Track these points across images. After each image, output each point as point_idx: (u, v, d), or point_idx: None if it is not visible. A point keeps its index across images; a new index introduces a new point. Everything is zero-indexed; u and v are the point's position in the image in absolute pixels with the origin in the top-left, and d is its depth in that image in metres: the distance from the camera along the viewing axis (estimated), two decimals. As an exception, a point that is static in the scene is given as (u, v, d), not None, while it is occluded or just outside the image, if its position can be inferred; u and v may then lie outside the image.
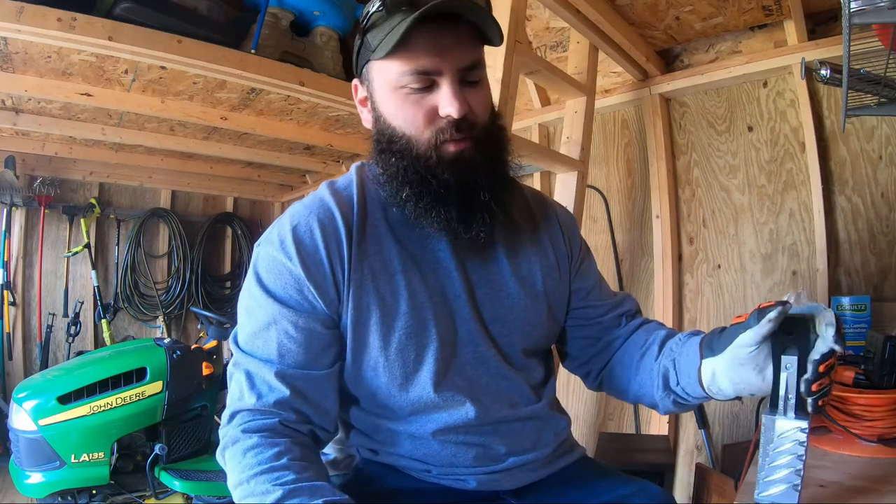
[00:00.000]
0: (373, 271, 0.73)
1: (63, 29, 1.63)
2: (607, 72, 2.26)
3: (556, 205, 0.95)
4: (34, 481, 1.89)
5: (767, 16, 1.84)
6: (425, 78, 0.69)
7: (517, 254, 0.83)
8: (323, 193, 0.77)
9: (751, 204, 1.97)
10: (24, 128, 2.72)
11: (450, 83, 0.69)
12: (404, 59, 0.68)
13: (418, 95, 0.70)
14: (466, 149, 0.71)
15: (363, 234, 0.74)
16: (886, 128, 1.68)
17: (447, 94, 0.69)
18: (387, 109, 0.73)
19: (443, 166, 0.70)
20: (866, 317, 1.52)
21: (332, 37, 2.45)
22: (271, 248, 0.72)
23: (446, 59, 0.68)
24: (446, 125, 0.70)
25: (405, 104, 0.70)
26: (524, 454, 0.80)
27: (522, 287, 0.81)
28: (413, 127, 0.71)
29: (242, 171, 3.80)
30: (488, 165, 0.73)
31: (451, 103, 0.68)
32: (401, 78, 0.69)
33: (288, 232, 0.72)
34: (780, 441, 0.63)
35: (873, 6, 0.92)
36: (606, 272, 2.32)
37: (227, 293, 4.02)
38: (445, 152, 0.70)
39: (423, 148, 0.70)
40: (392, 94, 0.71)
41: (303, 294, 0.71)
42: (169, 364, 2.12)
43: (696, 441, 2.03)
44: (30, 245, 3.30)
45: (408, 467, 0.79)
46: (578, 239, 0.93)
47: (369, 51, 0.71)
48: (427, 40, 0.67)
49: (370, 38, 0.71)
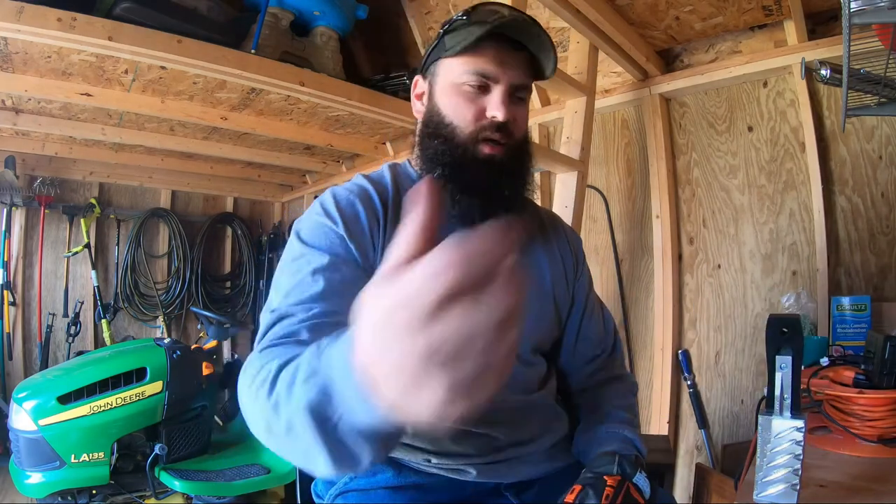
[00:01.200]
0: None
1: (63, 29, 1.63)
2: (607, 72, 2.26)
3: (566, 224, 1.05)
4: (34, 481, 1.89)
5: (767, 16, 1.84)
6: (482, 80, 0.79)
7: (528, 255, 0.90)
8: (359, 180, 0.84)
9: (751, 204, 1.97)
10: (24, 128, 2.72)
11: (501, 91, 0.79)
12: (471, 60, 0.78)
13: (473, 94, 0.79)
14: (499, 154, 0.80)
15: (396, 217, 0.79)
16: (886, 128, 1.68)
17: (497, 100, 0.79)
18: (442, 101, 0.82)
19: (476, 161, 0.79)
20: (866, 317, 1.52)
21: (332, 37, 2.45)
22: (315, 216, 0.77)
23: (504, 70, 0.79)
24: (489, 125, 0.79)
25: (460, 99, 0.80)
26: (524, 445, 0.82)
27: (532, 286, 0.87)
28: (461, 119, 0.80)
29: (242, 171, 3.81)
30: (514, 173, 0.83)
31: (499, 108, 0.78)
32: (462, 75, 0.79)
33: (331, 203, 0.78)
34: (777, 441, 0.63)
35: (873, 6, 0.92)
36: (606, 272, 2.32)
37: (227, 293, 4.03)
38: (481, 151, 0.79)
39: (464, 139, 0.79)
40: (451, 88, 0.81)
41: (347, 249, 0.74)
42: (169, 364, 2.12)
43: (696, 441, 2.03)
44: (30, 245, 3.30)
45: (408, 458, 0.80)
46: (583, 256, 1.01)
47: (443, 49, 0.81)
48: (493, 51, 0.78)
49: (447, 39, 0.80)
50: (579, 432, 0.89)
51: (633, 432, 0.84)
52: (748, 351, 1.94)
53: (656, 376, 2.09)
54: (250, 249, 4.08)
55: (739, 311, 1.98)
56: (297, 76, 2.16)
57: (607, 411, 0.88)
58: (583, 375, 0.96)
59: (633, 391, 0.96)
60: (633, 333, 2.24)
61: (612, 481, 0.71)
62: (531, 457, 0.83)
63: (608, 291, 2.29)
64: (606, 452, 0.78)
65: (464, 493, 0.80)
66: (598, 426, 0.86)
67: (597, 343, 0.97)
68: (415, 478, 0.80)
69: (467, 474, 0.79)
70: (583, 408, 0.93)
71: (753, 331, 1.94)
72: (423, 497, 0.79)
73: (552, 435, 0.86)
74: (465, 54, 0.78)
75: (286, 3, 2.29)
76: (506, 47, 0.79)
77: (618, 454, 0.76)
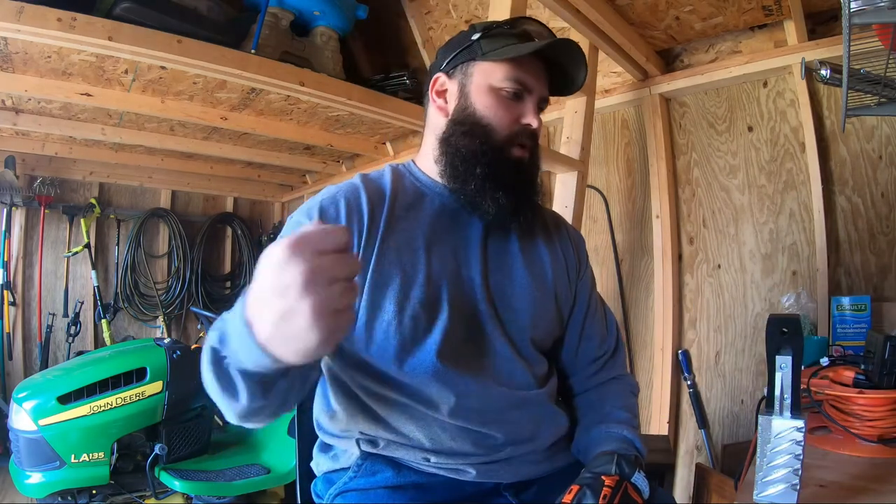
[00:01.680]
0: (398, 244, 0.82)
1: (63, 29, 1.62)
2: (607, 72, 2.26)
3: (569, 224, 1.07)
4: (34, 481, 1.89)
5: (767, 16, 1.84)
6: (519, 88, 0.85)
7: (532, 253, 0.92)
8: (355, 180, 0.87)
9: (751, 204, 1.97)
10: (24, 128, 2.72)
11: (534, 101, 0.88)
12: (513, 68, 0.85)
13: (509, 100, 0.86)
14: (527, 156, 0.88)
15: (392, 214, 0.83)
16: (886, 128, 1.68)
17: (531, 109, 0.87)
18: (480, 101, 0.86)
19: (511, 162, 0.86)
20: (866, 317, 1.52)
21: (332, 37, 2.45)
22: (298, 216, 0.83)
23: (539, 83, 0.88)
24: (523, 130, 0.87)
25: (499, 102, 0.86)
26: (522, 444, 0.82)
27: (533, 280, 0.89)
28: (499, 121, 0.85)
29: (242, 171, 3.80)
30: (535, 174, 0.91)
31: (534, 117, 0.87)
32: (503, 81, 0.85)
33: (315, 206, 0.82)
34: (777, 441, 0.63)
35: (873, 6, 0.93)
36: (606, 272, 2.32)
37: (227, 293, 4.02)
38: (514, 153, 0.86)
39: (501, 139, 0.85)
40: (489, 91, 0.86)
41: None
42: (169, 364, 2.12)
43: (696, 441, 2.03)
44: (30, 245, 3.30)
45: (407, 458, 0.80)
46: (586, 256, 1.03)
47: (479, 52, 0.86)
48: (533, 64, 0.86)
49: (485, 43, 0.86)
50: (579, 432, 0.89)
51: (633, 432, 0.84)
52: (748, 351, 1.94)
53: (656, 376, 2.09)
54: (250, 249, 4.07)
55: (739, 311, 1.98)
56: (297, 76, 2.16)
57: (607, 411, 0.88)
58: (585, 376, 0.96)
59: (634, 392, 0.96)
60: (633, 333, 2.24)
61: (609, 481, 0.71)
62: (530, 456, 0.83)
63: (608, 291, 2.29)
64: (605, 452, 0.78)
65: (463, 492, 0.80)
66: (597, 426, 0.86)
67: (599, 343, 0.97)
68: (414, 477, 0.80)
69: (467, 474, 0.79)
70: (583, 408, 0.93)
71: (753, 331, 1.94)
72: (423, 497, 0.79)
73: (551, 434, 0.86)
74: (509, 62, 0.84)
75: (286, 3, 2.29)
76: (542, 63, 0.88)
77: (616, 454, 0.76)
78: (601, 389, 0.94)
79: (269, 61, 2.08)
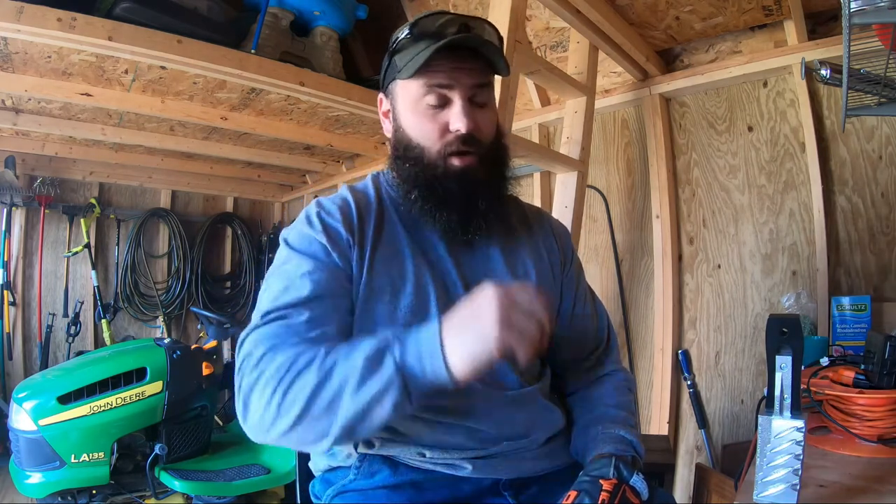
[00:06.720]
0: (385, 256, 0.82)
1: (63, 29, 1.63)
2: (607, 72, 2.26)
3: (552, 218, 1.05)
4: (34, 481, 1.89)
5: (767, 16, 1.84)
6: (440, 95, 0.80)
7: (513, 255, 0.91)
8: (343, 192, 0.88)
9: (751, 204, 1.97)
10: (24, 128, 2.72)
11: (460, 102, 0.80)
12: (424, 78, 0.79)
13: (433, 112, 0.81)
14: (471, 165, 0.82)
15: (380, 226, 0.84)
16: (886, 128, 1.68)
17: (457, 112, 0.80)
18: (406, 122, 0.84)
19: (448, 177, 0.81)
20: (866, 317, 1.52)
21: (332, 37, 2.45)
22: (300, 226, 0.83)
23: (459, 79, 0.80)
24: (454, 139, 0.81)
25: (422, 118, 0.81)
26: (517, 440, 0.82)
27: (516, 280, 0.87)
28: (427, 139, 0.82)
29: (242, 171, 3.81)
30: (489, 181, 0.85)
31: (460, 119, 0.79)
32: (419, 95, 0.80)
33: (314, 214, 0.83)
34: (777, 441, 0.63)
35: (873, 6, 0.92)
36: (606, 272, 2.32)
37: (227, 293, 4.03)
38: (452, 165, 0.81)
39: (433, 158, 0.81)
40: (412, 109, 0.82)
41: (329, 255, 0.79)
42: (169, 364, 2.12)
43: (696, 441, 2.03)
44: (30, 245, 3.30)
45: (403, 454, 0.80)
46: (571, 249, 1.01)
47: (396, 70, 0.82)
48: (445, 62, 0.79)
49: (397, 59, 0.82)
50: (576, 432, 0.89)
51: (630, 431, 0.83)
52: (748, 351, 1.94)
53: (656, 376, 2.09)
54: (250, 249, 4.08)
55: (739, 311, 1.98)
56: (297, 76, 2.16)
57: (603, 410, 0.88)
58: (579, 372, 0.96)
59: (630, 387, 0.95)
60: (633, 333, 2.24)
61: (608, 485, 0.71)
62: (527, 452, 0.83)
63: (608, 291, 2.29)
64: (603, 455, 0.77)
65: (462, 491, 0.80)
66: (594, 426, 0.86)
67: (591, 337, 0.96)
68: (412, 475, 0.80)
69: (463, 469, 0.79)
70: (579, 406, 0.92)
71: (753, 331, 1.94)
72: (421, 496, 0.79)
73: (546, 430, 0.86)
74: (417, 75, 0.79)
75: (286, 3, 2.29)
76: (455, 56, 0.79)
77: (614, 456, 0.76)
78: (596, 386, 0.93)
79: (269, 61, 2.08)
